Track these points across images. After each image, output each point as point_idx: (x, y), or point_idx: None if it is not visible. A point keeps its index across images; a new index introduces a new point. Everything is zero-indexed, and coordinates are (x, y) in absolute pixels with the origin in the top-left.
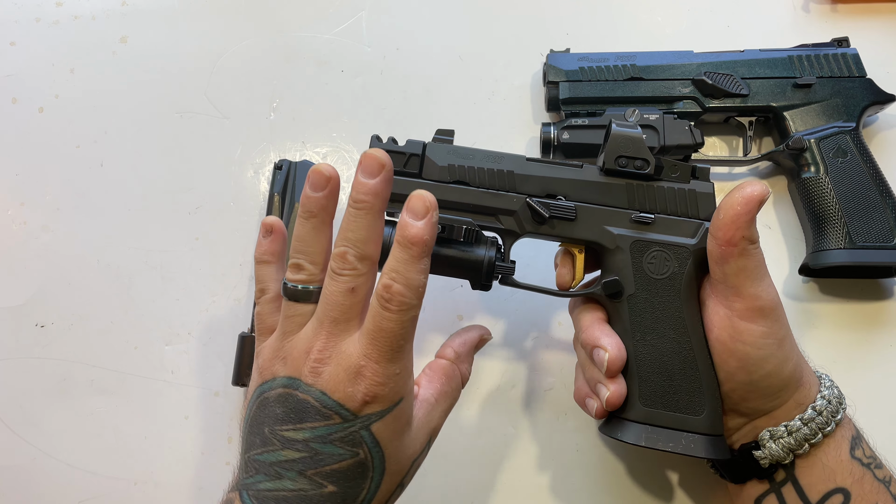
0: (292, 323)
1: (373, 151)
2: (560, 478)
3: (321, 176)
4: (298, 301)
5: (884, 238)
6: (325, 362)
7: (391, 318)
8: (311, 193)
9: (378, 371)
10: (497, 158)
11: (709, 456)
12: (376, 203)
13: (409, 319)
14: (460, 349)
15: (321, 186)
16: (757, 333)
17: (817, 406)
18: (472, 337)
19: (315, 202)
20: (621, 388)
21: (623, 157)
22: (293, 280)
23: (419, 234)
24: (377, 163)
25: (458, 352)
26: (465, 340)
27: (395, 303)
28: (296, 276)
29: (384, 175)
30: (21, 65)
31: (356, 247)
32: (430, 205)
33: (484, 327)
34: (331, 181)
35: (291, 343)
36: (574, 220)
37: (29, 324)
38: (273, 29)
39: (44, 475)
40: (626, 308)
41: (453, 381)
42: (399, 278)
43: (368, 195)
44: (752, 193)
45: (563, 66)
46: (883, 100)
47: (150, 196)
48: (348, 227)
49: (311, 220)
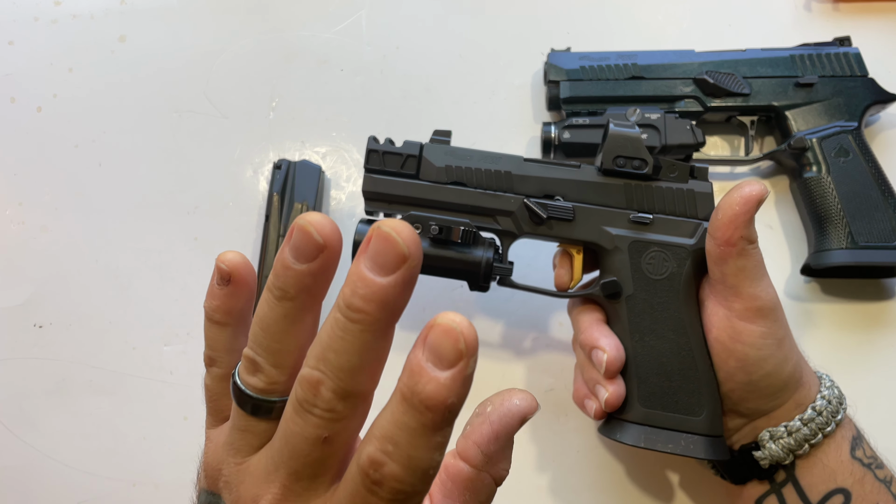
0: (243, 440)
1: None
2: (560, 479)
3: (310, 241)
4: (254, 415)
5: (886, 238)
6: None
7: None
8: (292, 263)
9: None
10: (494, 159)
11: (708, 457)
12: (383, 318)
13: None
14: (491, 448)
15: (307, 256)
16: (756, 334)
17: (817, 406)
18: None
19: (295, 279)
20: (620, 390)
21: (621, 157)
22: (247, 383)
23: (442, 395)
24: (397, 253)
25: (489, 453)
26: (497, 434)
27: (386, 489)
28: (251, 378)
29: (405, 273)
30: (19, 64)
31: (338, 378)
32: (467, 349)
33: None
34: (325, 252)
35: (239, 470)
36: (572, 220)
37: (27, 324)
38: (272, 28)
39: (42, 476)
40: (625, 309)
41: (482, 494)
42: (397, 455)
43: (373, 304)
44: (750, 193)
45: (563, 65)
46: (885, 99)
47: (148, 196)
48: (331, 345)
49: (282, 304)
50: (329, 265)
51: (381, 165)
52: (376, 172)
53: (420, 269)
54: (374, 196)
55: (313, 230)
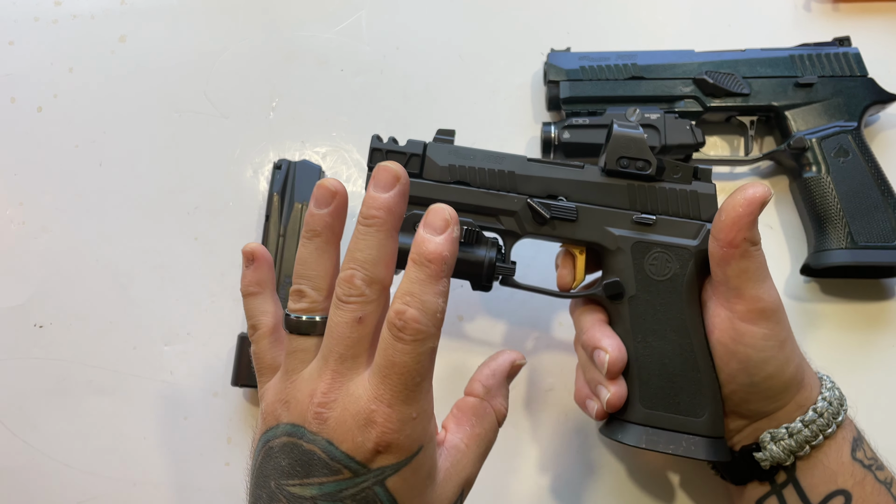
0: (295, 359)
1: (387, 163)
2: (561, 479)
3: (326, 191)
4: (302, 334)
5: (885, 238)
6: (331, 407)
7: (405, 351)
8: (315, 210)
9: (391, 416)
10: (498, 159)
11: (709, 458)
12: (389, 220)
13: (425, 351)
14: (489, 382)
15: (326, 202)
16: (758, 335)
17: (818, 408)
18: (503, 365)
19: (319, 220)
20: (622, 390)
21: (624, 158)
22: (295, 310)
23: (438, 250)
24: (391, 175)
25: (488, 385)
26: (493, 371)
27: (409, 331)
28: (297, 304)
29: (399, 189)
30: (19, 64)
31: (365, 269)
32: (451, 218)
33: (515, 352)
34: (337, 196)
35: (294, 384)
36: (575, 220)
37: (27, 324)
38: (272, 28)
39: (42, 476)
40: (627, 309)
41: (486, 421)
42: (414, 302)
43: (381, 210)
44: (753, 195)
45: (563, 66)
46: (884, 99)
47: (148, 196)
48: (356, 247)
49: (314, 241)
50: (341, 208)
51: None
52: None
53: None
54: None
55: (329, 184)
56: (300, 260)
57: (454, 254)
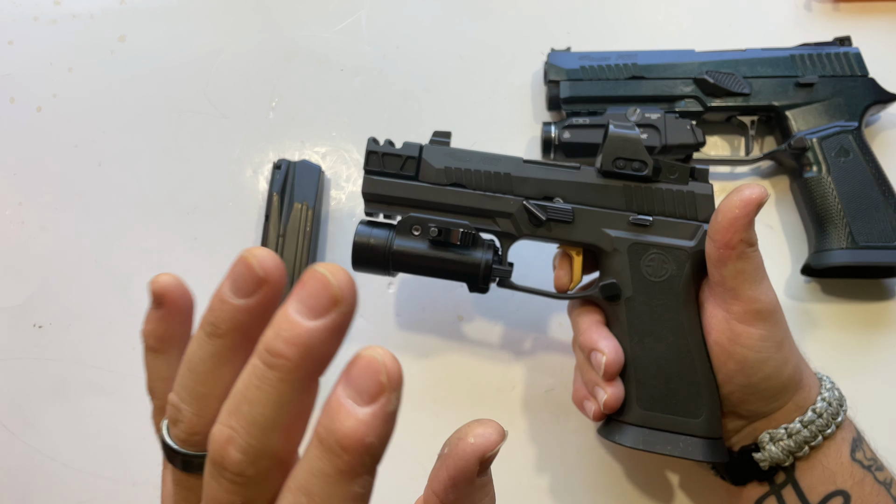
0: (180, 496)
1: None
2: (560, 479)
3: (250, 273)
4: (185, 470)
5: (886, 238)
6: None
7: None
8: (228, 296)
9: None
10: (494, 161)
11: (706, 459)
12: (305, 366)
13: None
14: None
15: (246, 291)
16: (755, 336)
17: (817, 408)
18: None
19: (228, 314)
20: (619, 392)
21: (621, 159)
22: (172, 434)
23: (358, 433)
24: (328, 294)
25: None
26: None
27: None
28: (175, 428)
29: (336, 318)
30: (19, 64)
31: (250, 435)
32: (392, 377)
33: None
34: (265, 287)
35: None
36: (571, 222)
37: (27, 324)
38: (272, 28)
39: (42, 476)
40: (624, 311)
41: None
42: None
43: (294, 349)
44: (750, 196)
45: (564, 65)
46: (885, 99)
47: (148, 196)
48: (245, 394)
49: (213, 341)
50: (267, 303)
51: (381, 167)
52: (376, 174)
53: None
54: (374, 198)
55: (255, 262)
56: (188, 360)
57: (386, 438)
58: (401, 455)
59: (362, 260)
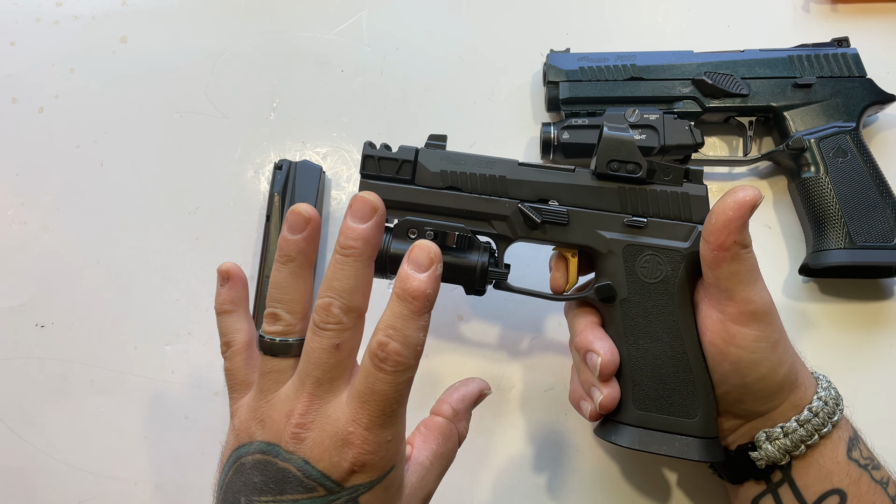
0: (270, 380)
1: (364, 194)
2: (559, 478)
3: (299, 217)
4: (276, 355)
5: (884, 238)
6: (308, 427)
7: (385, 380)
8: (289, 236)
9: (368, 438)
10: (489, 164)
11: (702, 459)
12: (366, 250)
13: (404, 381)
14: (458, 406)
15: (299, 228)
16: (750, 337)
17: (813, 408)
18: (471, 392)
19: (293, 245)
20: (615, 392)
21: (615, 161)
22: (270, 332)
23: (421, 287)
24: (369, 206)
25: (456, 409)
26: (462, 396)
27: (390, 363)
28: (272, 327)
29: (376, 220)
30: (21, 65)
31: (342, 298)
32: (435, 256)
33: (483, 382)
34: (310, 223)
35: (270, 403)
36: (566, 224)
37: (29, 324)
38: (273, 29)
39: (43, 475)
40: (620, 312)
41: (450, 442)
42: (396, 335)
43: (358, 241)
44: (744, 198)
45: (563, 66)
46: (883, 100)
47: (150, 196)
48: (334, 276)
49: (288, 265)
50: (314, 234)
51: (377, 171)
52: (372, 178)
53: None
54: None
55: (302, 209)
56: (274, 284)
57: (436, 290)
58: None
59: None
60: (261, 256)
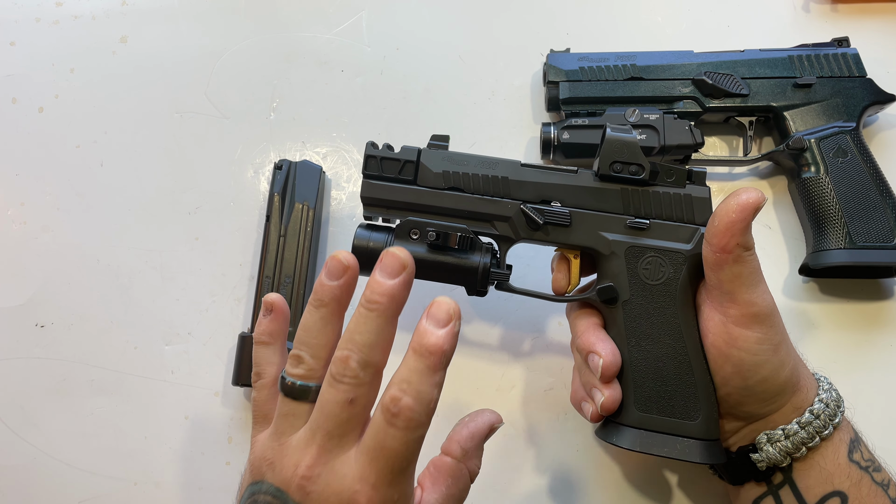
0: (286, 422)
1: (395, 250)
2: (559, 478)
3: (339, 264)
4: (295, 399)
5: (884, 238)
6: (314, 481)
7: (396, 437)
8: (326, 281)
9: (374, 497)
10: (492, 164)
11: (703, 461)
12: (391, 307)
13: (415, 439)
14: (468, 445)
15: (337, 275)
16: (752, 339)
17: (815, 410)
18: (481, 428)
19: (328, 291)
20: (616, 393)
21: (618, 163)
22: (291, 374)
23: (439, 343)
24: (399, 263)
25: (466, 448)
26: (472, 433)
27: (402, 418)
28: (295, 369)
29: (404, 277)
30: (21, 65)
31: (361, 352)
32: (454, 313)
33: (494, 413)
34: (348, 271)
35: (282, 448)
36: (569, 225)
37: (29, 324)
38: (273, 29)
39: (43, 475)
40: (622, 313)
41: (461, 482)
42: (410, 390)
43: (384, 297)
44: (747, 201)
45: (563, 66)
46: (883, 100)
47: (150, 196)
48: (356, 329)
49: (320, 310)
50: (351, 282)
51: (379, 171)
52: (374, 178)
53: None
54: (373, 201)
55: (342, 257)
56: (304, 326)
57: (453, 347)
58: None
59: (361, 263)
60: (261, 256)
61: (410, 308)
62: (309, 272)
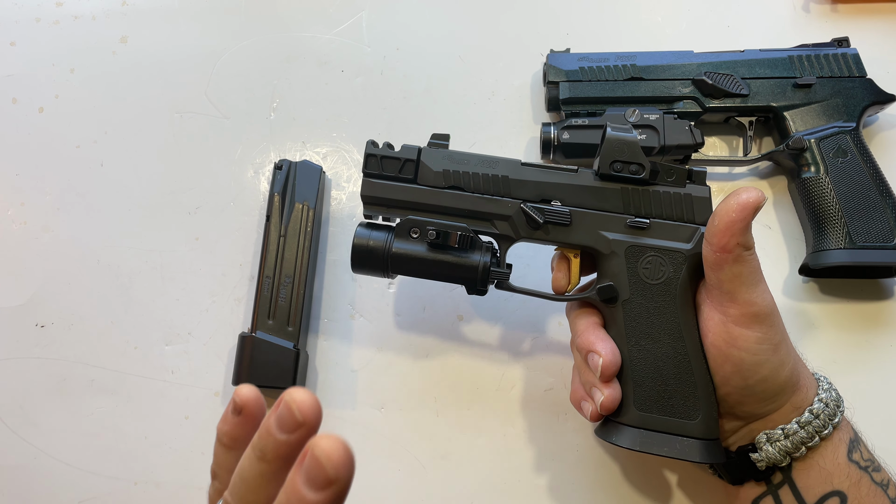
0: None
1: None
2: (559, 478)
3: (291, 417)
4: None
5: (884, 238)
6: None
7: None
8: (275, 433)
9: None
10: (492, 163)
11: (703, 460)
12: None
13: None
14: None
15: (289, 429)
16: (752, 339)
17: (814, 409)
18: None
19: (274, 446)
20: (616, 393)
21: (618, 162)
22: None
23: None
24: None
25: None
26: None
27: None
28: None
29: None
30: (21, 65)
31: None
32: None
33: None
34: (302, 428)
35: None
36: (569, 225)
37: (29, 324)
38: (273, 29)
39: (44, 475)
40: (622, 313)
41: None
42: None
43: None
44: (747, 200)
45: (563, 66)
46: (883, 100)
47: (150, 196)
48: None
49: (261, 465)
50: (304, 439)
51: (380, 170)
52: (374, 177)
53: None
54: (373, 200)
55: (295, 408)
56: (241, 472)
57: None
58: (402, 453)
59: (361, 262)
60: (261, 256)
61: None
62: (309, 272)
